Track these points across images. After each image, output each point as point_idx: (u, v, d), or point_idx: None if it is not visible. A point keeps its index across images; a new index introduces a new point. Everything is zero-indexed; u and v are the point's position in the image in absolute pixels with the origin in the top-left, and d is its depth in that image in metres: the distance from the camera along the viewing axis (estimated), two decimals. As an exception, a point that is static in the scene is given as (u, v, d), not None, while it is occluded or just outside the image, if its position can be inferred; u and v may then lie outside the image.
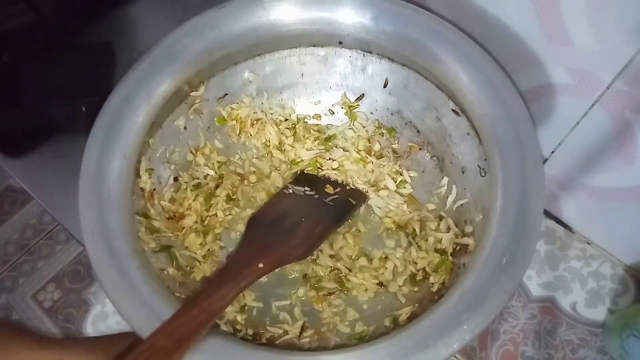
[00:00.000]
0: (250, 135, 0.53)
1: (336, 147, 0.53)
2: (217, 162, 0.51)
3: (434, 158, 0.50)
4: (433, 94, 0.48)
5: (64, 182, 0.47)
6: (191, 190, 0.49)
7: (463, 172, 0.47)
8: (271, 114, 0.53)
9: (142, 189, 0.45)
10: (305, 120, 0.54)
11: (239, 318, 0.44)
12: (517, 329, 0.51)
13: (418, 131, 0.51)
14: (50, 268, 0.55)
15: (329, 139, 0.53)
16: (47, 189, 0.57)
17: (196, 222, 0.48)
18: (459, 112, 0.46)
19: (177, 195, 0.48)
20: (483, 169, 0.44)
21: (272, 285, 0.48)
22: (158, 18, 0.63)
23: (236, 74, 0.50)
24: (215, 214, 0.50)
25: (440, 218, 0.48)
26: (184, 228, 0.47)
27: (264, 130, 0.52)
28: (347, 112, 0.53)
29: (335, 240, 0.49)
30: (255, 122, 0.52)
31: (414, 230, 0.49)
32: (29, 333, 0.37)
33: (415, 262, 0.47)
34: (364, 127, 0.53)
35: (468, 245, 0.43)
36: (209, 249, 0.48)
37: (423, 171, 0.51)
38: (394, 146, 0.52)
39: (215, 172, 0.51)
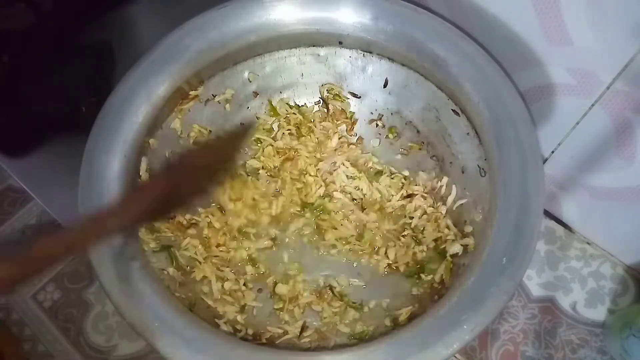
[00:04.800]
0: None
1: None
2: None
3: (434, 158, 0.50)
4: (433, 94, 0.48)
5: (64, 182, 0.47)
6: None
7: (463, 172, 0.47)
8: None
9: (142, 189, 0.45)
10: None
11: (239, 318, 0.44)
12: (517, 329, 0.51)
13: (418, 131, 0.51)
14: (50, 268, 0.55)
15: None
16: (47, 189, 0.57)
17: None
18: (459, 112, 0.46)
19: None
20: (483, 169, 0.44)
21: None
22: (158, 18, 0.63)
23: (236, 74, 0.50)
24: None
25: (440, 218, 0.48)
26: (187, 236, 0.47)
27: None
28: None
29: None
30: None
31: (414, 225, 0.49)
32: None
33: (415, 253, 0.47)
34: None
35: (468, 245, 0.43)
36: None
37: (423, 171, 0.51)
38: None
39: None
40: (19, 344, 0.51)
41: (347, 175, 0.51)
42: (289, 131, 0.53)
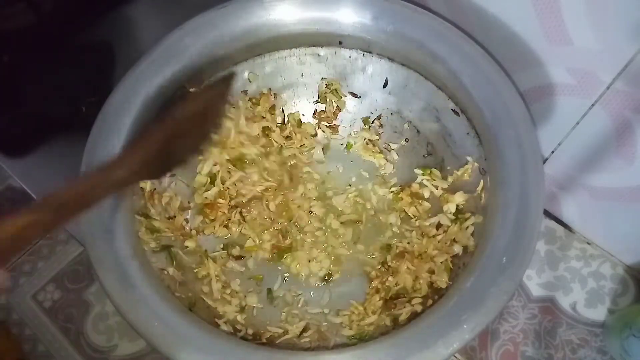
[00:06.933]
0: None
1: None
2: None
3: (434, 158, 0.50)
4: (433, 94, 0.48)
5: (64, 182, 0.47)
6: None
7: (463, 172, 0.47)
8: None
9: (142, 189, 0.45)
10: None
11: (239, 318, 0.44)
12: (517, 329, 0.51)
13: (418, 131, 0.51)
14: (50, 268, 0.55)
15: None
16: (47, 189, 0.56)
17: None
18: (459, 112, 0.46)
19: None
20: (483, 169, 0.44)
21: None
22: (158, 18, 0.63)
23: (236, 74, 0.50)
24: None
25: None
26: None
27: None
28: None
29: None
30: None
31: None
32: None
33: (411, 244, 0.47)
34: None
35: (468, 245, 0.43)
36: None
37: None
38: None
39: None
40: (19, 344, 0.51)
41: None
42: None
